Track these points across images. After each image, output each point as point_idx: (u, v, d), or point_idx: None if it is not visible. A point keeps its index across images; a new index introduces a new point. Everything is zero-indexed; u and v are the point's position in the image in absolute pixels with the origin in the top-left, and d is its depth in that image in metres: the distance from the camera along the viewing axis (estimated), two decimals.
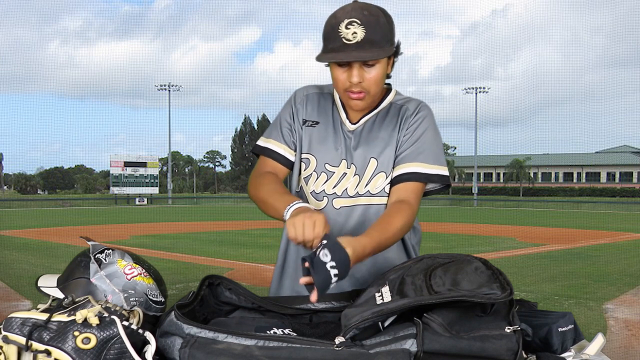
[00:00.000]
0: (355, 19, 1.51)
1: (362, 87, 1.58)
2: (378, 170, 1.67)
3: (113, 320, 1.13)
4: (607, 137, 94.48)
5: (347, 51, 1.52)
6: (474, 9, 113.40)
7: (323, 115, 1.74)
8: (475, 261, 1.30)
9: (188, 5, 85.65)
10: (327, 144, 1.70)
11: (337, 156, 1.69)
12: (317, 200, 1.70)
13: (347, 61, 1.54)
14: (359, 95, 1.60)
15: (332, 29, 1.54)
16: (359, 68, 1.56)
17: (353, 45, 1.51)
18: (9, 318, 1.14)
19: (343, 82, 1.59)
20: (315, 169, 1.70)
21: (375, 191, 1.67)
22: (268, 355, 1.14)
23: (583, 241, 16.45)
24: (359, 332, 1.19)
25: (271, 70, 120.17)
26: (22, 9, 61.10)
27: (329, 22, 1.56)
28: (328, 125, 1.72)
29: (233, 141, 79.87)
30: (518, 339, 1.14)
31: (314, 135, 1.72)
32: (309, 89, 1.79)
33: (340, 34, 1.52)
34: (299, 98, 1.77)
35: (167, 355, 1.20)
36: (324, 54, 1.56)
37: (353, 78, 1.56)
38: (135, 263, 1.39)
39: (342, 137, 1.70)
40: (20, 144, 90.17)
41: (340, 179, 1.69)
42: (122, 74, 78.53)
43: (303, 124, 1.74)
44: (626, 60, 54.13)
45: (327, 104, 1.75)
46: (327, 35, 1.56)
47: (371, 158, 1.67)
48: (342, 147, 1.69)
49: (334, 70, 1.60)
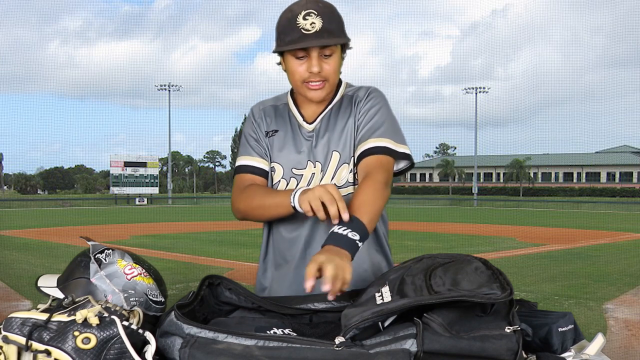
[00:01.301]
0: (312, 10, 1.57)
1: (321, 76, 1.63)
2: (341, 162, 1.69)
3: (113, 320, 1.13)
4: (607, 137, 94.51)
5: (307, 40, 1.56)
6: (474, 9, 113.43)
7: (281, 123, 1.77)
8: (475, 261, 1.30)
9: (188, 5, 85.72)
10: (289, 149, 1.73)
11: (302, 159, 1.71)
12: None
13: (305, 51, 1.59)
14: (318, 85, 1.64)
15: (289, 22, 1.58)
16: (318, 58, 1.60)
17: (312, 35, 1.56)
18: (9, 318, 1.14)
19: (301, 74, 1.62)
20: (284, 176, 1.73)
21: (341, 183, 1.69)
22: (268, 355, 1.14)
23: (583, 241, 16.45)
24: (359, 332, 1.19)
25: (271, 70, 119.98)
26: (22, 9, 61.14)
27: (284, 16, 1.60)
28: (287, 131, 1.75)
29: (233, 141, 79.91)
30: (518, 339, 1.14)
31: (276, 144, 1.75)
32: (264, 103, 1.84)
33: (298, 25, 1.57)
34: (256, 113, 1.81)
35: (167, 355, 1.20)
36: (284, 45, 1.59)
37: (313, 68, 1.60)
38: (135, 263, 1.39)
39: (302, 139, 1.73)
40: (20, 144, 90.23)
41: (311, 179, 1.70)
42: (122, 74, 78.59)
43: (265, 136, 1.77)
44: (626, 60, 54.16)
45: (284, 111, 1.79)
46: (283, 28, 1.60)
47: (333, 151, 1.69)
48: (305, 149, 1.72)
49: (291, 63, 1.63)
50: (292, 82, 1.68)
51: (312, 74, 1.61)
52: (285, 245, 1.73)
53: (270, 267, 1.79)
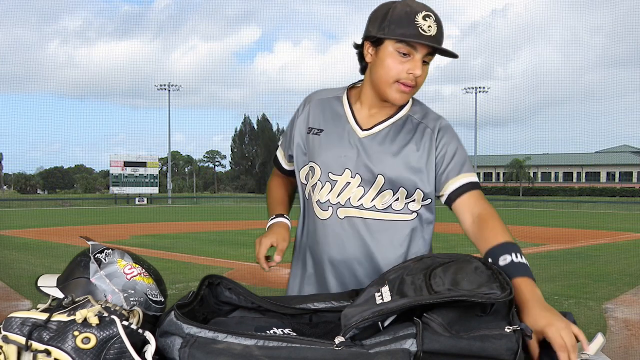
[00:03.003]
0: (431, 13, 1.54)
1: (416, 81, 1.58)
2: (386, 188, 1.63)
3: (113, 320, 1.13)
4: (607, 137, 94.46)
5: (426, 40, 1.52)
6: (474, 9, 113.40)
7: (330, 122, 1.71)
8: (475, 261, 1.30)
9: (188, 5, 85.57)
10: (331, 152, 1.67)
11: (341, 165, 1.65)
12: (323, 210, 1.67)
13: (412, 52, 1.54)
14: (410, 89, 1.59)
15: (408, 17, 1.52)
16: (421, 61, 1.56)
17: (428, 37, 1.53)
18: (9, 318, 1.14)
19: (399, 72, 1.56)
20: (320, 179, 1.67)
21: (381, 207, 1.64)
22: (268, 355, 1.14)
23: (583, 241, 16.44)
24: (359, 332, 1.19)
25: (271, 70, 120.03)
26: (22, 9, 61.09)
27: (401, 9, 1.54)
28: (334, 132, 1.69)
29: (233, 141, 79.81)
30: (518, 339, 1.14)
31: (318, 144, 1.69)
32: (319, 94, 1.77)
33: (417, 23, 1.52)
34: (307, 105, 1.77)
35: (167, 355, 1.20)
36: (397, 36, 1.53)
37: (417, 70, 1.55)
38: (135, 263, 1.39)
39: (348, 145, 1.66)
40: (20, 144, 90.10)
41: (344, 188, 1.65)
42: (122, 74, 78.48)
43: (308, 132, 1.72)
44: (626, 60, 54.14)
45: (337, 109, 1.72)
46: (398, 19, 1.53)
47: (379, 174, 1.62)
48: (347, 155, 1.65)
49: (391, 58, 1.56)
50: (383, 77, 1.59)
51: (410, 75, 1.56)
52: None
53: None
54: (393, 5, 1.56)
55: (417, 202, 1.65)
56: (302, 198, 1.77)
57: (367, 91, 1.67)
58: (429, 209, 1.69)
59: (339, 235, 1.65)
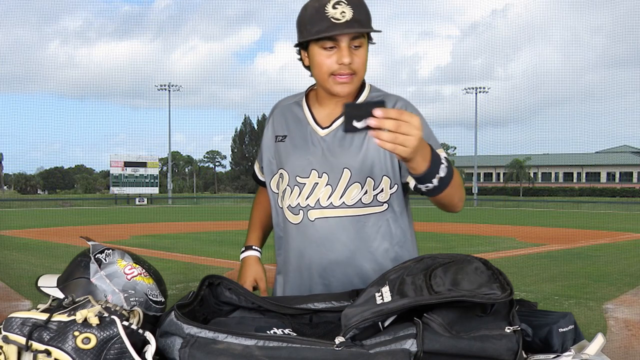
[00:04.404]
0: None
1: (350, 68, 1.55)
2: (353, 181, 1.61)
3: (113, 320, 1.13)
4: (607, 137, 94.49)
5: (338, 28, 1.50)
6: (474, 9, 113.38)
7: (292, 126, 1.72)
8: (475, 261, 1.30)
9: (188, 5, 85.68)
10: (295, 155, 1.68)
11: (306, 166, 1.65)
12: (294, 214, 1.67)
13: (334, 42, 1.52)
14: (348, 78, 1.56)
15: (317, 11, 1.51)
16: (348, 48, 1.53)
17: (342, 24, 1.49)
18: (9, 318, 1.14)
19: (330, 66, 1.55)
20: (289, 183, 1.68)
21: (350, 202, 1.62)
22: (268, 355, 1.14)
23: (583, 241, 16.45)
24: (359, 332, 1.19)
25: (271, 70, 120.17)
26: (22, 9, 61.09)
27: (311, 6, 1.54)
28: (297, 135, 1.70)
29: (233, 141, 79.89)
30: (518, 339, 1.14)
31: (283, 150, 1.71)
32: (281, 102, 1.80)
33: (327, 14, 1.50)
34: (271, 114, 1.80)
35: (167, 355, 1.20)
36: (310, 35, 1.52)
37: (344, 58, 1.52)
38: (135, 263, 1.39)
39: (311, 146, 1.66)
40: (20, 144, 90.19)
41: (312, 189, 1.64)
42: (122, 74, 78.56)
43: (275, 140, 1.74)
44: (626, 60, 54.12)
45: (298, 113, 1.73)
46: (310, 18, 1.53)
47: (344, 168, 1.61)
48: (311, 157, 1.65)
49: (317, 55, 1.55)
50: (318, 76, 1.60)
51: (341, 66, 1.53)
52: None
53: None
54: (305, 5, 1.56)
55: (385, 191, 1.63)
56: (274, 207, 1.77)
57: (319, 91, 1.68)
58: (399, 195, 1.66)
59: (313, 238, 1.64)
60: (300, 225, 1.66)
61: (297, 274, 1.71)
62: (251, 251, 1.86)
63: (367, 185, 1.62)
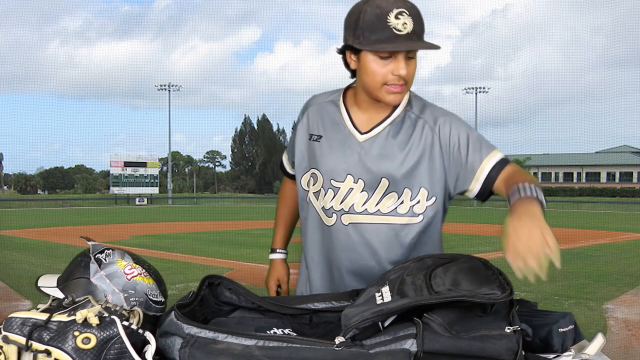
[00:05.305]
0: (403, 9, 1.48)
1: (404, 79, 1.53)
2: (390, 190, 1.60)
3: (113, 320, 1.13)
4: (607, 137, 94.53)
5: (399, 42, 1.48)
6: (474, 9, 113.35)
7: (329, 127, 1.68)
8: (475, 261, 1.30)
9: (188, 5, 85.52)
10: (330, 158, 1.65)
11: (342, 171, 1.63)
12: (327, 217, 1.66)
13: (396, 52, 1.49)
14: (400, 88, 1.54)
15: (379, 19, 1.47)
16: (404, 60, 1.51)
17: (404, 36, 1.47)
18: (9, 318, 1.14)
19: (384, 75, 1.52)
20: (323, 185, 1.66)
21: (386, 211, 1.61)
22: (268, 355, 1.14)
23: (583, 241, 16.43)
24: (359, 332, 1.19)
25: (271, 70, 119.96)
26: (22, 9, 61.01)
27: (371, 12, 1.48)
28: (334, 138, 1.66)
29: (233, 141, 79.79)
30: (518, 339, 1.14)
31: (318, 150, 1.68)
32: (316, 99, 1.75)
33: (389, 24, 1.46)
34: (306, 110, 1.75)
35: (167, 355, 1.20)
36: (370, 44, 1.49)
37: (401, 70, 1.50)
38: (135, 263, 1.39)
39: (347, 150, 1.63)
40: (20, 144, 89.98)
41: (347, 194, 1.62)
42: (122, 74, 78.52)
43: (309, 139, 1.71)
44: (626, 60, 54.08)
45: (335, 113, 1.69)
46: (370, 25, 1.48)
47: (382, 177, 1.60)
48: (348, 161, 1.63)
49: (372, 63, 1.52)
50: (370, 84, 1.55)
51: (396, 77, 1.51)
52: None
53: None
54: (363, 8, 1.51)
55: (421, 203, 1.61)
56: (301, 202, 1.75)
57: (361, 94, 1.64)
58: (435, 208, 1.63)
59: (345, 242, 1.64)
60: (333, 227, 1.65)
61: (326, 274, 1.71)
62: (276, 254, 1.96)
63: (404, 196, 1.61)
